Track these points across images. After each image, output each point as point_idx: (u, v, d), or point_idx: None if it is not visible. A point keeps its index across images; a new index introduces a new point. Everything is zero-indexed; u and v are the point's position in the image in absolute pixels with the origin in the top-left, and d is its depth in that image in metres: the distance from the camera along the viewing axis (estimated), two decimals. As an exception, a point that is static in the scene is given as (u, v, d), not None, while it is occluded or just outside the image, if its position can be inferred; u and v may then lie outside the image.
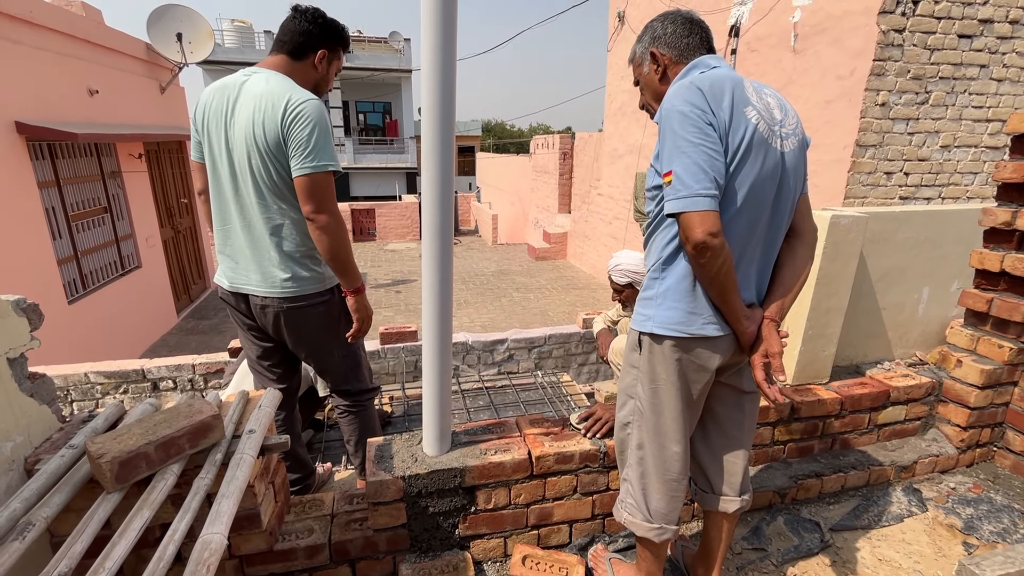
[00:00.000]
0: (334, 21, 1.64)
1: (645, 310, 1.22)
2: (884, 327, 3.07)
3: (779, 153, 1.10)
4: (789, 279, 1.22)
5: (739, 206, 1.08)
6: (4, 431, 1.18)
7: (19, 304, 1.25)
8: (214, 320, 6.87)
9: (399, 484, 1.48)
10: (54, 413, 1.35)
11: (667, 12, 1.23)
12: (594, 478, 1.67)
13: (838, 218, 2.55)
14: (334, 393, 1.88)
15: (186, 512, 1.04)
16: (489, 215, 13.83)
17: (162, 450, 1.12)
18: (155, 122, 6.62)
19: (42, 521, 0.98)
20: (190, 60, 6.59)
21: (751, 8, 4.58)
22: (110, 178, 5.57)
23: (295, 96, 1.46)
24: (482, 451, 1.59)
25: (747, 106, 1.06)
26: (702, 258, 1.05)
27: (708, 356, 1.18)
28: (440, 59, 1.15)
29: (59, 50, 4.68)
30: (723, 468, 1.38)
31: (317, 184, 1.48)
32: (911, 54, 3.52)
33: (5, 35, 3.99)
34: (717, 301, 1.13)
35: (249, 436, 1.27)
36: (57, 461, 1.15)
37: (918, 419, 2.23)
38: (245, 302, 1.68)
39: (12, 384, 1.22)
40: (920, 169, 3.80)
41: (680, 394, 1.22)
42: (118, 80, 5.74)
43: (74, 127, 4.46)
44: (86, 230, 5.11)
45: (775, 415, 1.97)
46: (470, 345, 3.49)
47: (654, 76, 1.23)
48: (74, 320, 4.69)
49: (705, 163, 1.02)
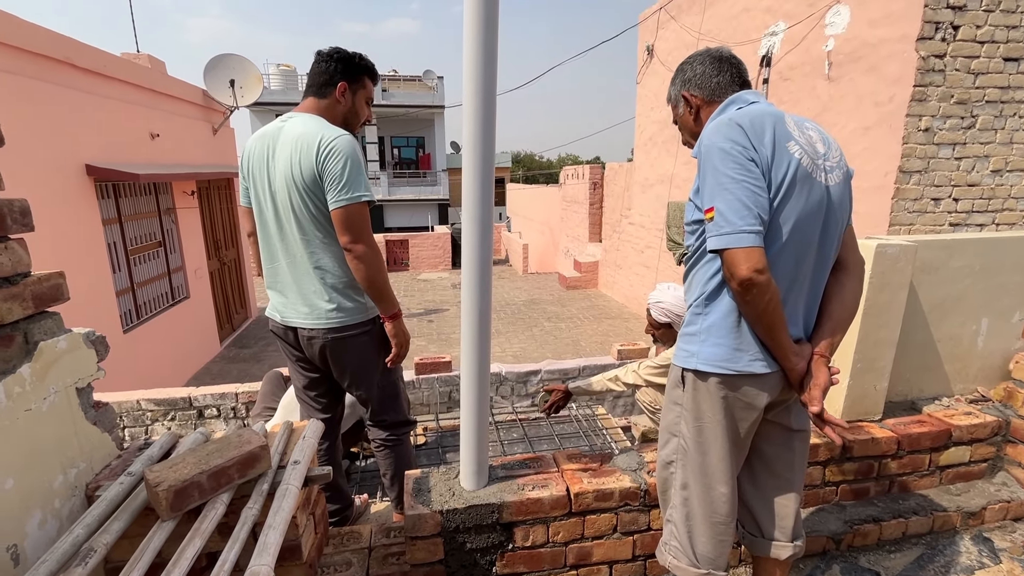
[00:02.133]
0: (351, 54, 1.70)
1: (689, 346, 1.20)
2: (940, 360, 2.90)
3: (824, 187, 1.09)
4: (838, 313, 1.19)
5: (784, 241, 1.07)
6: (70, 458, 1.25)
7: (89, 336, 1.34)
8: (254, 349, 7.10)
9: (437, 519, 1.47)
10: (113, 440, 1.42)
11: (697, 52, 1.25)
12: (634, 517, 1.62)
13: (884, 247, 2.47)
14: (372, 424, 1.90)
15: (235, 543, 1.06)
16: (519, 244, 13.95)
17: (213, 479, 1.16)
18: (207, 161, 7.06)
19: (102, 548, 1.02)
20: (241, 104, 7.05)
21: (782, 38, 4.59)
22: (165, 214, 5.94)
23: (327, 134, 1.55)
24: (519, 486, 1.57)
25: (789, 141, 1.06)
26: (748, 295, 1.04)
27: (756, 394, 1.15)
28: (482, 98, 1.20)
29: (126, 98, 5.10)
30: (773, 511, 1.32)
31: (352, 215, 1.55)
32: (954, 79, 3.44)
33: (80, 87, 4.39)
34: (764, 338, 1.11)
35: (294, 467, 1.30)
36: (116, 488, 1.20)
37: (984, 461, 2.07)
38: (294, 334, 1.75)
39: (79, 413, 1.29)
40: (970, 195, 3.65)
41: (727, 433, 1.18)
42: (176, 123, 6.19)
43: (136, 168, 4.81)
44: (142, 263, 5.43)
45: (825, 454, 1.88)
46: (503, 376, 3.48)
47: (688, 117, 1.25)
48: (127, 348, 4.94)
49: (748, 199, 1.02)
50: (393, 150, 24.43)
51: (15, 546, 1.07)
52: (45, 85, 3.94)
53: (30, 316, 1.16)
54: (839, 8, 3.97)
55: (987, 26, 3.42)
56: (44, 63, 3.94)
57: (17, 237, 1.14)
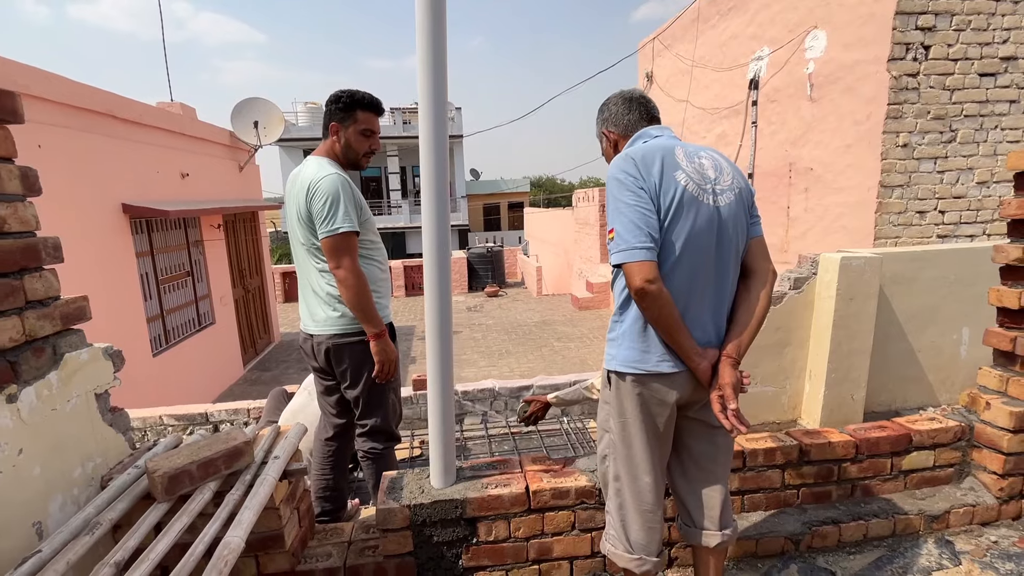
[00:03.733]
0: (339, 94, 1.88)
1: (610, 350, 1.36)
2: (922, 370, 2.95)
3: (712, 208, 1.25)
4: (744, 317, 1.33)
5: (678, 255, 1.23)
6: (88, 453, 1.47)
7: (107, 351, 1.58)
8: (275, 371, 7.42)
9: (406, 512, 1.63)
10: (127, 441, 1.64)
11: (613, 94, 1.45)
12: (591, 515, 1.74)
13: (849, 259, 2.58)
14: (359, 433, 2.08)
15: (216, 520, 1.25)
16: (534, 267, 14.16)
17: (202, 469, 1.36)
18: (233, 196, 7.56)
19: (107, 522, 1.23)
20: (264, 143, 7.57)
21: (767, 62, 4.76)
22: (193, 246, 6.39)
23: (316, 177, 1.82)
24: (483, 485, 1.72)
25: (676, 171, 1.23)
26: (643, 302, 1.20)
27: (665, 391, 1.29)
28: (433, 129, 1.41)
29: (160, 143, 5.60)
30: (702, 502, 1.43)
31: (333, 245, 1.80)
32: (929, 96, 3.54)
33: (119, 135, 4.87)
34: (667, 340, 1.26)
35: (274, 461, 1.49)
36: (124, 477, 1.41)
37: (950, 466, 2.11)
38: (311, 342, 1.98)
39: (97, 415, 1.52)
40: (957, 207, 3.68)
41: (644, 427, 1.32)
42: (205, 163, 6.70)
43: (167, 205, 5.25)
44: (171, 292, 5.84)
45: (782, 457, 1.96)
46: (497, 391, 3.63)
47: (609, 150, 1.45)
48: (156, 371, 5.29)
49: (640, 220, 1.19)
50: (414, 178, 25.22)
51: (39, 523, 1.29)
52: (91, 136, 4.42)
53: (58, 332, 1.40)
54: (816, 33, 4.13)
55: (959, 44, 3.52)
56: (90, 116, 4.43)
57: (49, 268, 1.39)
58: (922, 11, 3.50)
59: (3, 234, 1.25)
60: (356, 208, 1.86)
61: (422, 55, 1.35)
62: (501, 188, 29.15)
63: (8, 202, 1.28)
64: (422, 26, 1.34)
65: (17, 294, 1.27)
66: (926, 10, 3.49)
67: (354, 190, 1.89)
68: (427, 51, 1.35)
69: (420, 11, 1.33)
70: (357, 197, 1.90)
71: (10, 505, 1.20)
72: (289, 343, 9.03)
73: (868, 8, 3.68)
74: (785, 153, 4.61)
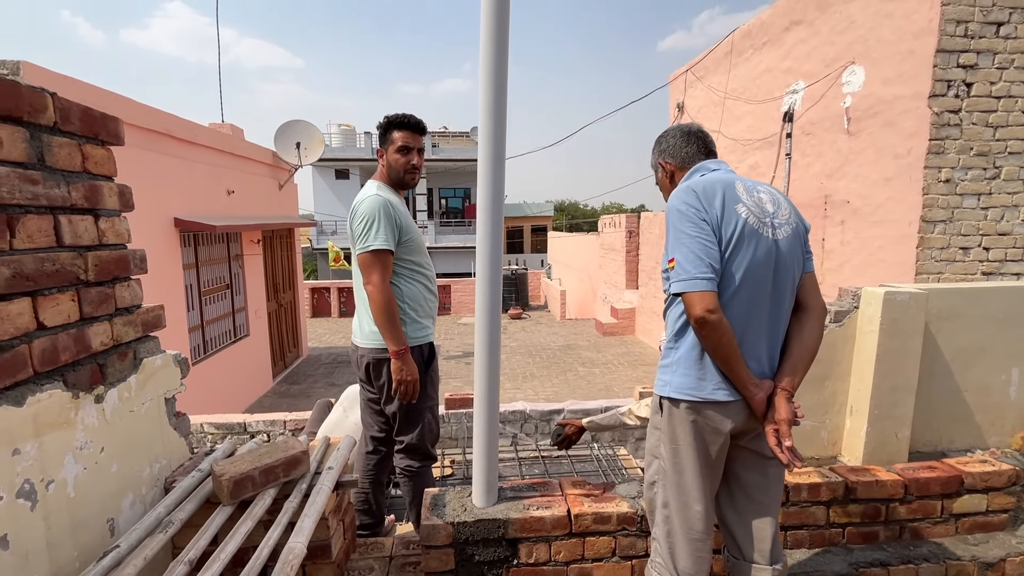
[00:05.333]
0: (383, 120, 2.04)
1: (663, 376, 1.38)
2: (970, 411, 2.86)
3: (771, 240, 1.29)
4: (798, 350, 1.34)
5: (737, 286, 1.26)
6: (156, 455, 1.55)
7: (176, 357, 1.68)
8: (303, 385, 7.55)
9: (449, 530, 1.65)
10: (187, 444, 1.72)
11: (672, 127, 1.51)
12: (632, 542, 1.73)
13: (893, 294, 2.55)
14: (397, 449, 2.11)
15: (277, 526, 1.31)
16: (557, 291, 14.18)
17: (264, 475, 1.42)
18: (272, 213, 7.86)
19: (178, 522, 1.29)
20: (304, 163, 7.89)
21: (803, 96, 4.80)
22: (234, 260, 6.64)
23: (358, 199, 1.98)
24: (525, 506, 1.73)
25: (737, 203, 1.28)
26: (703, 331, 1.23)
27: (720, 419, 1.31)
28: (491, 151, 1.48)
29: (210, 161, 5.90)
30: (752, 534, 1.42)
31: (365, 261, 1.93)
32: (972, 132, 3.51)
33: (175, 153, 5.16)
34: (724, 369, 1.28)
35: (328, 472, 1.54)
36: (189, 480, 1.48)
37: (1004, 511, 2.04)
38: (356, 353, 2.08)
39: (165, 418, 1.60)
40: (1002, 244, 3.60)
41: (698, 454, 1.33)
42: (248, 180, 7.01)
43: (214, 220, 5.50)
44: (212, 303, 6.06)
45: (827, 493, 1.93)
46: (528, 414, 3.64)
47: (665, 180, 1.50)
48: (193, 379, 5.44)
49: (701, 251, 1.23)
50: (440, 200, 25.74)
51: (112, 519, 1.36)
52: (150, 153, 4.70)
53: (139, 338, 1.50)
54: (854, 68, 4.16)
55: (1002, 82, 3.50)
56: (150, 135, 4.72)
57: (136, 277, 1.50)
58: (964, 49, 3.50)
59: (102, 246, 1.36)
60: (394, 229, 1.93)
61: (484, 87, 1.44)
62: (525, 212, 29.45)
63: (107, 216, 1.39)
64: (485, 63, 1.42)
65: (109, 301, 1.37)
66: (968, 48, 3.50)
67: (396, 212, 1.96)
68: (489, 85, 1.43)
69: (484, 44, 1.41)
70: (400, 219, 1.97)
71: (91, 500, 1.27)
72: (316, 358, 9.19)
73: (908, 45, 3.70)
74: (820, 185, 4.59)
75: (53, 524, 1.16)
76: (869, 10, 4.08)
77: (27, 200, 1.13)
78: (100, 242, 1.35)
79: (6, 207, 1.08)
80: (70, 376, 1.22)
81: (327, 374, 8.14)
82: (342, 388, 2.94)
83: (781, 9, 5.31)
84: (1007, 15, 3.43)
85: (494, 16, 1.38)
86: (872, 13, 4.05)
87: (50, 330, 1.17)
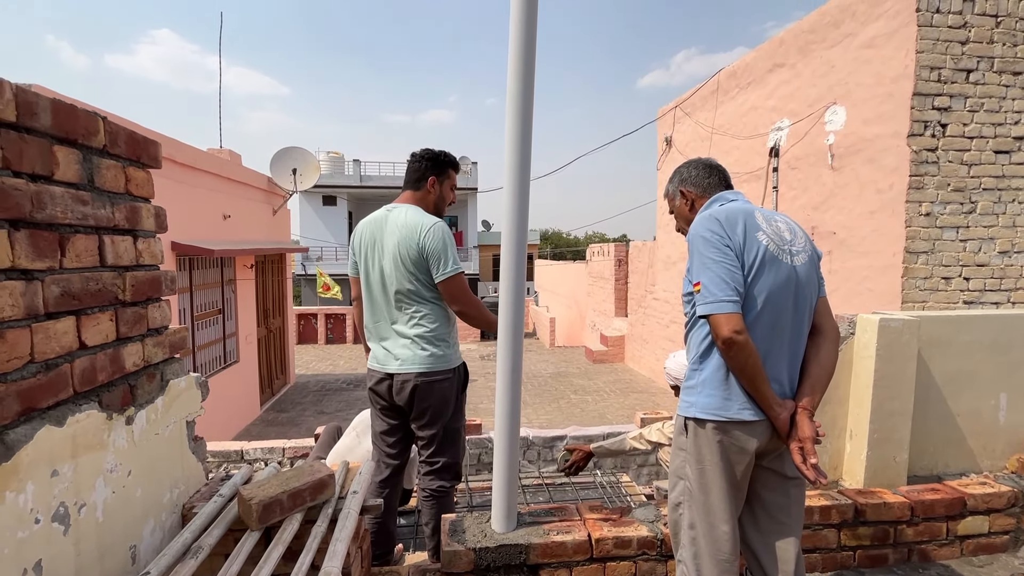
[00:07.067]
0: (437, 153, 2.13)
1: (688, 397, 1.43)
2: (963, 435, 2.94)
3: (791, 266, 1.36)
4: (816, 371, 1.40)
5: (759, 310, 1.33)
6: (175, 479, 1.52)
7: (198, 380, 1.66)
8: (291, 413, 7.38)
9: (471, 556, 1.64)
10: (204, 470, 1.69)
11: (692, 160, 1.60)
12: (652, 567, 1.74)
13: (887, 321, 2.65)
14: (427, 471, 2.07)
15: (308, 551, 1.29)
16: (547, 318, 14.24)
17: (291, 499, 1.40)
18: (265, 238, 7.83)
19: (207, 547, 1.26)
20: (299, 188, 7.92)
21: (787, 133, 5.05)
22: (227, 284, 6.56)
23: (426, 223, 1.95)
24: (545, 531, 1.73)
25: (758, 231, 1.35)
26: (730, 351, 1.29)
27: (746, 439, 1.35)
28: (518, 184, 1.55)
29: (207, 186, 5.90)
30: (776, 555, 1.44)
31: (454, 284, 1.94)
32: (948, 169, 3.74)
33: (174, 176, 5.16)
34: (749, 389, 1.33)
35: (353, 496, 1.53)
36: (211, 505, 1.45)
37: (1006, 533, 2.10)
38: (389, 381, 2.01)
39: (186, 442, 1.58)
40: (981, 274, 3.79)
41: (724, 474, 1.37)
42: (244, 206, 7.01)
43: (211, 244, 5.47)
44: (204, 328, 5.95)
45: (837, 516, 1.96)
46: (531, 440, 3.62)
47: (684, 208, 1.58)
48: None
49: (726, 275, 1.30)
50: (435, 227, 25.82)
51: (134, 546, 1.32)
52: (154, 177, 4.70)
53: (166, 359, 1.49)
54: (836, 108, 4.42)
55: (974, 123, 3.76)
56: (149, 159, 4.72)
57: (166, 299, 1.51)
58: (938, 93, 3.76)
59: (139, 266, 1.37)
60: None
61: (511, 121, 1.52)
62: (512, 240, 29.64)
63: (144, 237, 1.41)
64: (512, 101, 1.51)
65: (142, 322, 1.37)
66: (941, 92, 3.76)
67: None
68: (516, 119, 1.52)
69: (511, 81, 1.50)
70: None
71: (117, 526, 1.24)
72: (304, 385, 9.01)
73: (886, 89, 3.96)
74: (807, 217, 4.79)
75: (83, 550, 1.13)
76: (848, 56, 4.37)
77: (77, 220, 1.14)
78: (137, 262, 1.36)
79: (59, 227, 1.10)
80: (105, 397, 1.22)
81: (315, 402, 7.97)
82: (331, 416, 2.90)
83: (764, 53, 5.63)
84: (975, 63, 3.72)
85: (522, 62, 1.48)
86: (851, 59, 4.34)
87: (90, 349, 1.17)
